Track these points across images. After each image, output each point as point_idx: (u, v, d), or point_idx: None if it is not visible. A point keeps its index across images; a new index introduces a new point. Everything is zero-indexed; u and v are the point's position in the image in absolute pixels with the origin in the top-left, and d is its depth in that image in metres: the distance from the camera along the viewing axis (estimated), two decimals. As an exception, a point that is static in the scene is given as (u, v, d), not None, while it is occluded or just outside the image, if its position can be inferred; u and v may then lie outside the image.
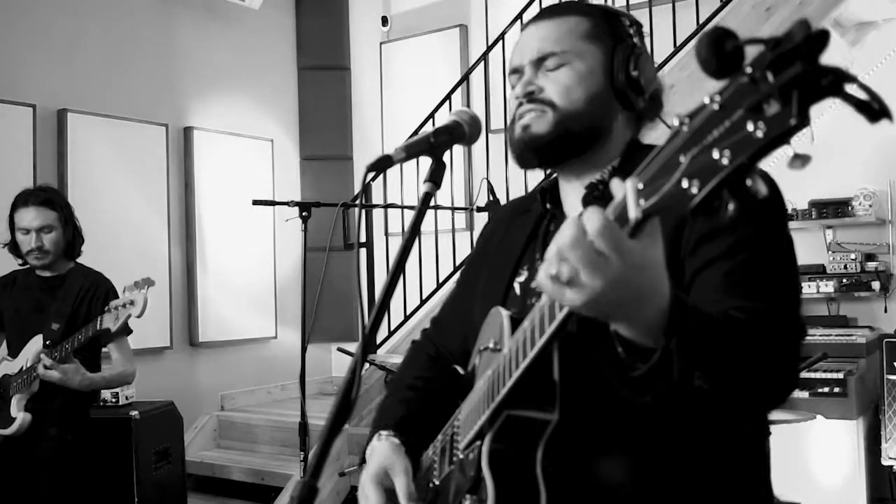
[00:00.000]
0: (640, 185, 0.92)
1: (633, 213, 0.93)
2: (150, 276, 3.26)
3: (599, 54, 1.50)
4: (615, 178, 0.98)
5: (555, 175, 1.64)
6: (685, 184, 0.85)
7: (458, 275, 1.29)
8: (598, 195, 1.48)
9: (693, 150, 0.85)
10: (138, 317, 3.23)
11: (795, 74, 0.76)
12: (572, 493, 1.28)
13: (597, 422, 1.30)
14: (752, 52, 0.82)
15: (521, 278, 1.59)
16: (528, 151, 1.53)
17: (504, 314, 1.39)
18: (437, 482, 1.54)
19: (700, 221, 1.31)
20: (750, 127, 0.79)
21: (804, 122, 0.77)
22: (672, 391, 1.09)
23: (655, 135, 1.60)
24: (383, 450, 1.61)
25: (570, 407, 1.25)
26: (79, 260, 3.80)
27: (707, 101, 0.84)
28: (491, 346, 1.41)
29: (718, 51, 0.81)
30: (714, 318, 1.15)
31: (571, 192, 1.58)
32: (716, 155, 0.82)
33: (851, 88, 0.76)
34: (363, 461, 1.65)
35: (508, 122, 1.58)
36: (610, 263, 0.96)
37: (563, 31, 1.52)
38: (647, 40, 1.60)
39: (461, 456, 1.44)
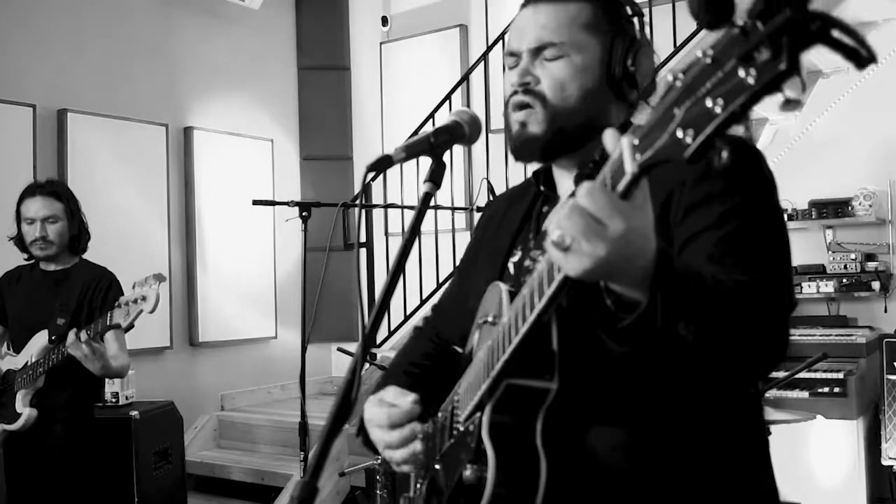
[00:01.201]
0: (636, 141, 0.95)
1: (630, 168, 0.96)
2: (160, 272, 3.25)
3: (598, 47, 1.50)
4: (609, 130, 1.02)
5: None
6: (680, 133, 0.87)
7: (458, 262, 1.31)
8: (588, 173, 1.50)
9: (686, 102, 0.87)
10: (150, 312, 3.20)
11: (784, 20, 0.78)
12: (572, 462, 1.30)
13: (595, 391, 1.32)
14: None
15: (515, 258, 1.60)
16: (524, 150, 1.54)
17: (503, 287, 1.40)
18: (437, 458, 1.53)
19: (688, 192, 1.33)
20: (741, 73, 0.81)
21: (794, 67, 0.78)
22: (657, 341, 1.12)
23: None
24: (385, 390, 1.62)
25: (568, 375, 1.27)
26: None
27: (700, 54, 0.86)
28: (490, 319, 1.42)
29: (709, 2, 0.83)
30: (700, 273, 1.17)
31: (565, 176, 1.59)
32: (709, 104, 0.84)
33: (838, 34, 0.77)
34: (361, 427, 1.64)
35: (504, 102, 1.58)
36: (607, 228, 0.99)
37: (563, 20, 1.50)
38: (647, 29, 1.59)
39: (461, 428, 1.44)
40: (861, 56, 0.77)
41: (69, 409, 3.62)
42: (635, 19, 1.55)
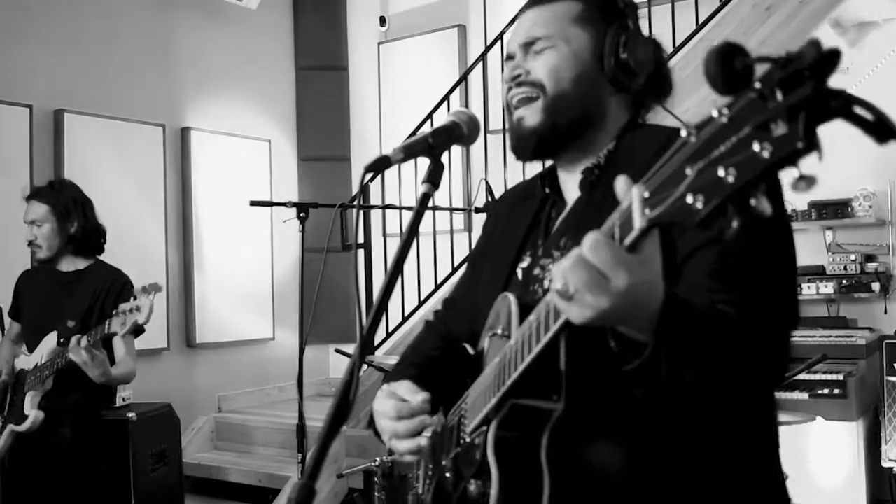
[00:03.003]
0: (647, 194, 0.94)
1: (638, 223, 0.95)
2: (157, 282, 3.24)
3: (587, 37, 1.52)
4: (621, 178, 1.00)
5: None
6: (690, 199, 0.86)
7: (470, 257, 1.33)
8: (594, 180, 1.51)
9: (699, 163, 0.86)
10: (143, 323, 3.21)
11: (805, 96, 0.76)
12: (575, 480, 1.29)
13: (600, 410, 1.31)
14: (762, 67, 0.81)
15: (524, 264, 1.61)
16: (521, 145, 1.56)
17: (513, 301, 1.40)
18: (445, 462, 1.56)
19: None
20: (756, 147, 0.79)
21: (812, 145, 0.77)
22: (661, 386, 1.14)
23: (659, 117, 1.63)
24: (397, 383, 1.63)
25: (574, 396, 1.27)
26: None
27: (716, 114, 0.84)
28: (500, 331, 1.43)
29: (727, 67, 0.81)
30: (704, 315, 1.17)
31: (569, 179, 1.60)
32: (721, 172, 0.82)
33: (860, 110, 0.76)
34: (371, 422, 1.66)
35: (506, 109, 1.60)
36: (610, 282, 1.01)
37: (552, 16, 1.54)
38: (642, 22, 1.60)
39: (468, 439, 1.46)
40: (882, 131, 0.76)
41: (78, 412, 3.61)
42: (627, 11, 1.56)
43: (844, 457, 4.79)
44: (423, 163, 1.40)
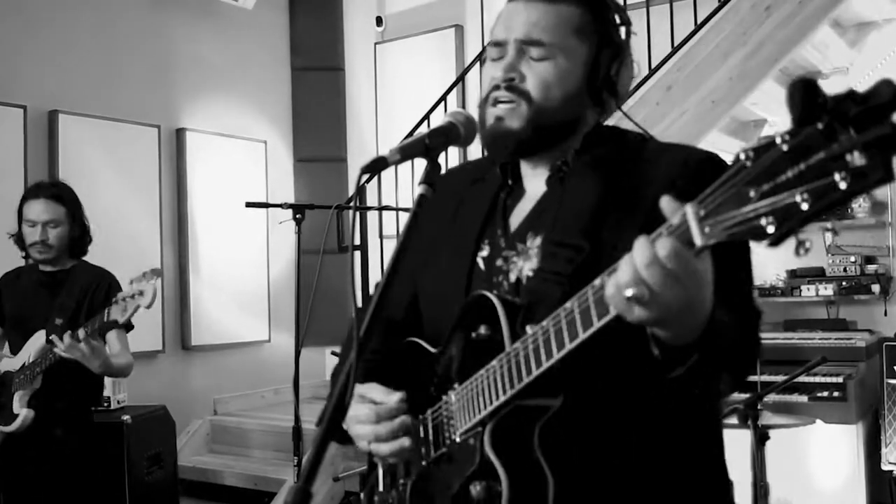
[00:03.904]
0: (702, 213, 1.01)
1: (700, 241, 1.02)
2: (157, 267, 3.24)
3: (584, 53, 1.52)
4: (666, 198, 1.08)
5: None
6: (763, 221, 0.92)
7: (400, 241, 1.32)
8: (562, 177, 1.55)
9: (763, 185, 0.92)
10: (147, 307, 3.21)
11: (883, 134, 0.82)
12: (576, 472, 1.35)
13: (592, 403, 1.38)
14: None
15: (484, 253, 1.60)
16: (500, 144, 1.55)
17: (496, 301, 1.42)
18: (423, 463, 1.56)
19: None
20: (836, 176, 0.85)
21: (889, 177, 0.83)
22: (695, 391, 1.32)
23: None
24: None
25: (573, 393, 1.33)
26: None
27: (778, 140, 0.90)
28: (483, 332, 1.43)
29: (812, 100, 0.87)
30: (723, 323, 1.24)
31: (532, 172, 1.62)
32: (797, 198, 0.89)
33: None
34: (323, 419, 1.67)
35: (482, 97, 1.57)
36: (681, 284, 1.08)
37: (555, 21, 1.51)
38: (633, 39, 1.63)
39: (456, 440, 1.47)
40: None
41: (69, 412, 3.61)
42: (623, 28, 1.57)
43: (844, 460, 4.77)
44: (420, 164, 1.39)
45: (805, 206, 0.88)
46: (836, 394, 4.78)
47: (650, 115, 4.61)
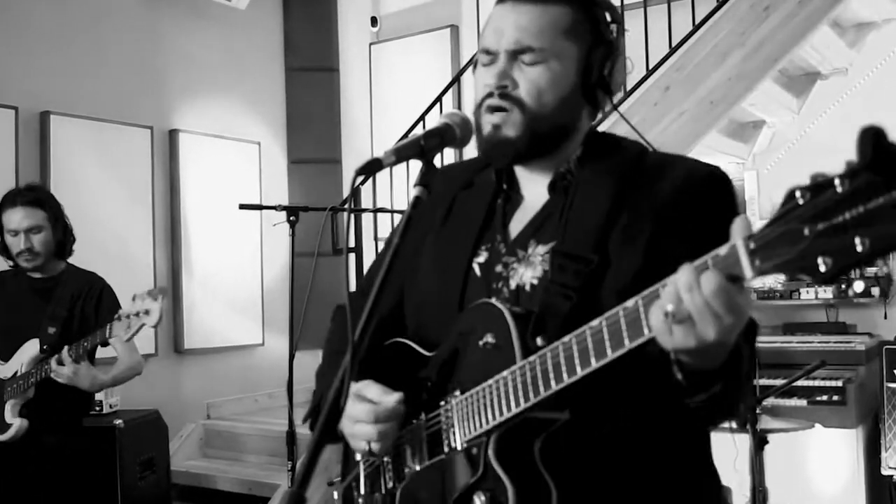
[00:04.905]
0: (752, 245, 1.03)
1: (749, 274, 1.04)
2: (164, 286, 3.22)
3: (576, 54, 1.52)
4: (738, 220, 1.09)
5: None
6: (819, 260, 0.95)
7: (395, 242, 1.31)
8: (566, 185, 1.55)
9: (818, 224, 0.95)
10: (153, 327, 3.22)
11: None
12: (579, 484, 1.37)
13: (598, 419, 1.39)
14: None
15: (481, 258, 1.60)
16: (498, 153, 1.55)
17: (505, 311, 1.41)
18: (416, 468, 1.55)
19: (665, 222, 1.43)
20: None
21: None
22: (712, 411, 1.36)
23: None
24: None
25: (580, 407, 1.34)
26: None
27: (837, 182, 0.94)
28: (490, 340, 1.43)
29: (886, 150, 0.91)
30: (747, 353, 1.31)
31: (530, 178, 1.61)
32: (856, 240, 0.92)
33: None
34: (312, 413, 1.72)
35: (476, 103, 1.56)
36: (723, 320, 1.10)
37: (544, 24, 1.50)
38: (624, 37, 1.61)
39: (457, 447, 1.46)
40: None
41: (61, 420, 3.58)
42: (613, 26, 1.56)
43: (843, 464, 4.76)
44: (416, 165, 1.38)
45: (860, 248, 0.92)
46: (835, 398, 4.77)
47: (648, 115, 4.58)
